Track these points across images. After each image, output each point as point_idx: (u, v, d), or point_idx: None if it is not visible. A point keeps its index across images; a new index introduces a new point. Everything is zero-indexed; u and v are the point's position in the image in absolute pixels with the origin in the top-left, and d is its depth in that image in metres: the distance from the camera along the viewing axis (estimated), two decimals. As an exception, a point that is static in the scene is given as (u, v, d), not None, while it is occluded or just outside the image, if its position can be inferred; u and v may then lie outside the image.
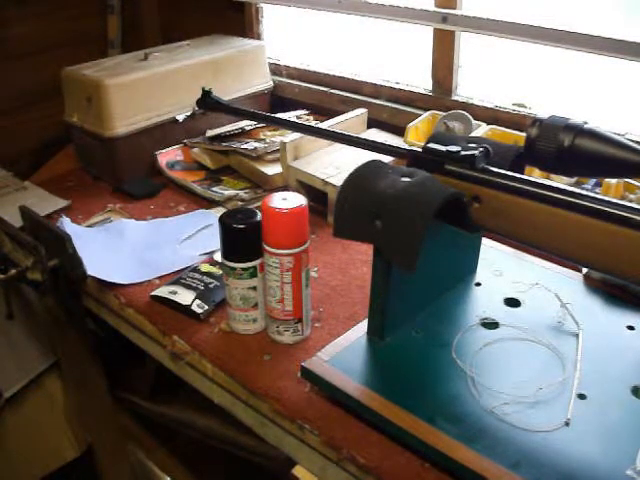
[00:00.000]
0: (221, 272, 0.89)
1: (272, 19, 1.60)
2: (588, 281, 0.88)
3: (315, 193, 1.11)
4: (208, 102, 1.01)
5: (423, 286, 0.79)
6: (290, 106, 1.47)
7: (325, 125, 1.19)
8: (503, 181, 0.68)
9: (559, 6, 1.13)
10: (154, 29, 1.81)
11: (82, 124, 1.29)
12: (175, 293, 0.92)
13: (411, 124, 1.18)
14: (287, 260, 0.78)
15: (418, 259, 0.65)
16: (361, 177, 0.71)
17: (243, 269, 0.82)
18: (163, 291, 0.93)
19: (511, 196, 0.67)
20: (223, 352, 0.84)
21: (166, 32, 1.79)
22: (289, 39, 1.61)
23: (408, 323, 0.79)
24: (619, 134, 0.62)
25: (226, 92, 1.31)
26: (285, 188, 1.17)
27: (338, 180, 1.07)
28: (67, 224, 1.11)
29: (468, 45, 1.26)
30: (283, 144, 1.16)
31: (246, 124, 1.35)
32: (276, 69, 1.54)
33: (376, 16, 1.29)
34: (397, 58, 1.41)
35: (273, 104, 1.52)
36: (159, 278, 0.99)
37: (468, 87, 1.28)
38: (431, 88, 1.32)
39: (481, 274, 0.90)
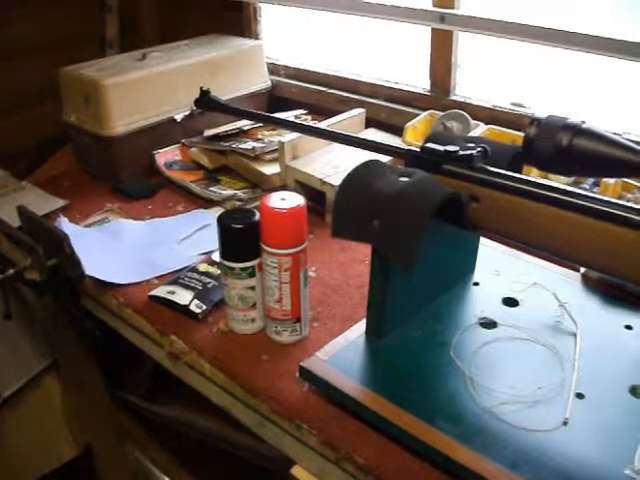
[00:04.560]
0: (219, 272, 0.89)
1: (270, 19, 1.59)
2: (586, 281, 0.88)
3: (313, 193, 1.11)
4: (206, 102, 1.01)
5: (421, 286, 0.79)
6: (288, 106, 1.47)
7: (323, 125, 1.19)
8: (501, 181, 0.68)
9: (558, 6, 1.14)
10: (152, 29, 1.81)
11: (80, 124, 1.29)
12: (173, 293, 0.92)
13: (409, 124, 1.18)
14: (285, 260, 0.78)
15: (418, 258, 0.65)
16: (359, 177, 0.71)
17: (241, 269, 0.82)
18: (161, 291, 0.93)
19: (509, 196, 0.67)
20: (221, 352, 0.84)
21: (164, 32, 1.79)
22: (287, 39, 1.61)
23: (406, 323, 0.79)
24: (617, 133, 0.62)
25: (224, 92, 1.31)
26: (283, 188, 1.17)
27: (336, 180, 1.08)
28: (65, 224, 1.11)
29: (466, 45, 1.26)
30: (281, 144, 1.16)
31: (244, 124, 1.34)
32: (274, 69, 1.54)
33: (374, 16, 1.29)
34: (395, 58, 1.41)
35: (271, 104, 1.52)
36: (157, 278, 0.99)
37: (466, 87, 1.28)
38: (429, 88, 1.32)
39: (479, 274, 0.90)
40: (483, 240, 0.91)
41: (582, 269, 0.89)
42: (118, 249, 1.06)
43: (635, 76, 1.07)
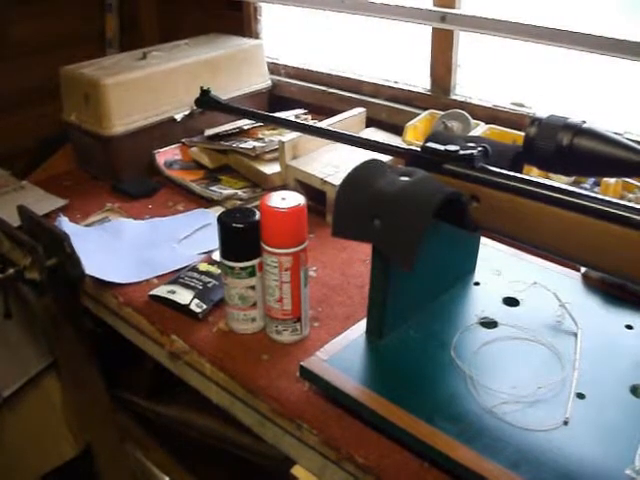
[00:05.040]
0: (220, 271, 0.89)
1: (270, 18, 1.59)
2: (587, 280, 0.88)
3: (314, 192, 1.11)
4: (206, 101, 1.01)
5: (422, 285, 0.79)
6: (288, 105, 1.47)
7: (323, 124, 1.19)
8: (502, 180, 0.68)
9: (558, 5, 1.13)
10: (152, 28, 1.81)
11: (80, 123, 1.29)
12: (174, 292, 0.92)
13: (410, 123, 1.18)
14: (286, 259, 0.78)
15: (417, 258, 0.65)
16: (360, 176, 0.71)
17: (242, 268, 0.82)
18: (162, 290, 0.93)
19: (510, 195, 0.67)
20: (222, 351, 0.83)
21: (164, 31, 1.79)
22: (287, 38, 1.61)
23: (407, 322, 0.79)
24: (618, 133, 0.62)
25: (224, 91, 1.31)
26: (284, 187, 1.17)
27: (337, 179, 1.07)
28: (65, 223, 1.11)
29: (467, 44, 1.25)
30: (281, 143, 1.16)
31: (244, 123, 1.34)
32: (274, 68, 1.54)
33: (374, 15, 1.29)
34: (396, 57, 1.41)
35: (271, 103, 1.52)
36: (157, 277, 0.99)
37: (467, 86, 1.28)
38: (430, 87, 1.32)
39: (480, 273, 0.90)
40: (484, 240, 0.91)
41: (583, 269, 0.89)
42: (118, 248, 1.06)
43: (636, 75, 1.07)
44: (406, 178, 0.69)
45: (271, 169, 1.22)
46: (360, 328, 0.79)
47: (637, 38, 0.97)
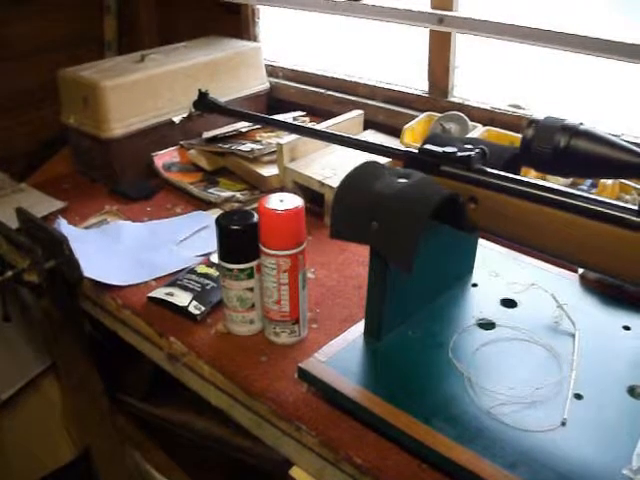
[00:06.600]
0: (218, 273, 0.89)
1: (269, 20, 1.60)
2: (584, 281, 0.88)
3: (312, 194, 1.12)
4: (205, 103, 1.01)
5: (420, 287, 0.79)
6: (286, 108, 1.47)
7: (321, 126, 1.19)
8: (499, 182, 0.68)
9: (555, 7, 1.14)
10: (151, 31, 1.81)
11: (79, 125, 1.29)
12: (172, 294, 0.92)
13: (407, 125, 1.19)
14: (284, 261, 0.79)
15: (415, 260, 0.65)
16: (358, 178, 0.71)
17: (240, 270, 0.82)
18: (160, 292, 0.93)
19: (507, 197, 0.67)
20: (220, 353, 0.84)
21: (163, 34, 1.79)
22: (285, 40, 1.61)
23: (405, 324, 0.79)
24: (615, 135, 0.62)
25: (222, 94, 1.31)
26: (282, 189, 1.17)
27: (335, 181, 1.08)
28: (64, 226, 1.11)
29: (464, 46, 1.26)
30: (279, 145, 1.16)
31: (242, 125, 1.35)
32: (272, 71, 1.54)
33: (372, 18, 1.29)
34: (393, 59, 1.42)
35: (269, 106, 1.52)
36: (156, 280, 0.99)
37: (464, 88, 1.28)
38: (427, 89, 1.32)
39: (477, 275, 0.90)
40: (481, 241, 0.91)
41: (580, 270, 0.89)
42: (117, 251, 1.06)
43: (632, 77, 1.08)
44: (404, 180, 0.69)
45: (269, 171, 1.22)
46: (358, 329, 0.79)
47: (629, 40, 0.97)
